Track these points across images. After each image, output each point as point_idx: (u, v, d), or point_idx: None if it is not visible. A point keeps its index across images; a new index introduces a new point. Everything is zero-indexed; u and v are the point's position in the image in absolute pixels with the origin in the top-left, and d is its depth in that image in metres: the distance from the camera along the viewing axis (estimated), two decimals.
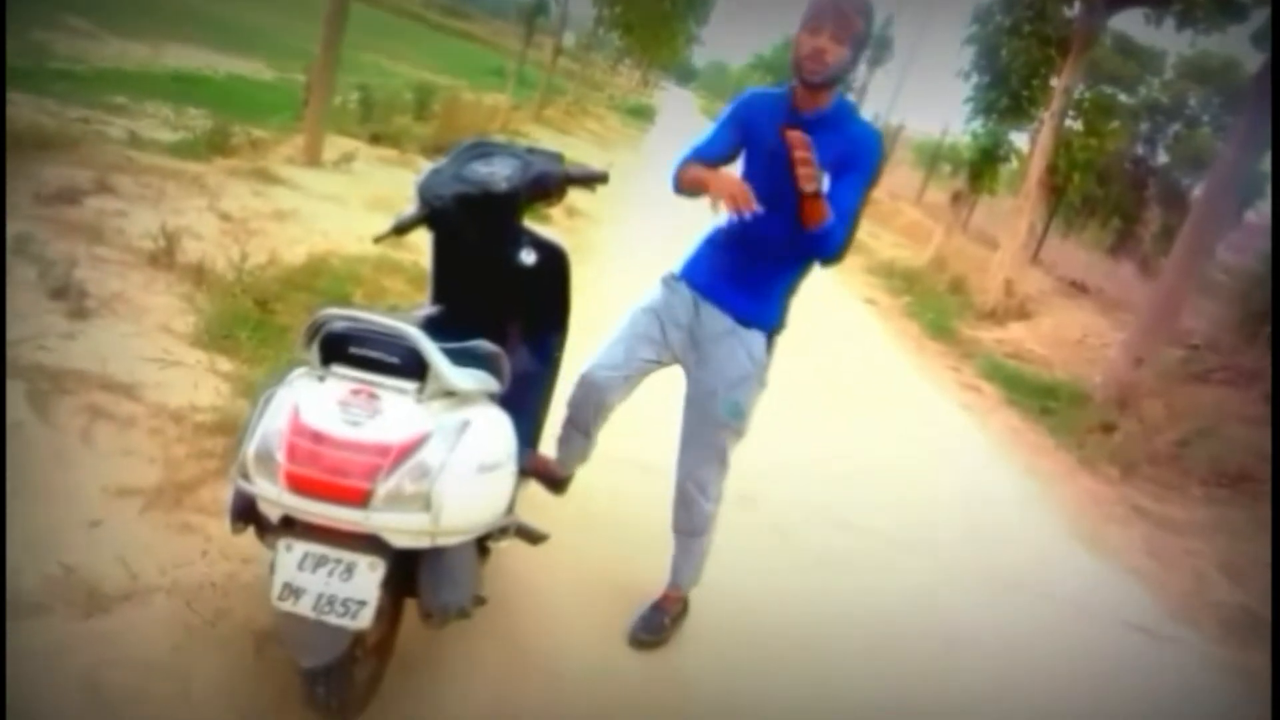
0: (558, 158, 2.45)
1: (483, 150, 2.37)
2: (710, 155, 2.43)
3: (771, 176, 2.31)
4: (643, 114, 32.63)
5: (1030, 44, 11.93)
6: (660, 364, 2.57)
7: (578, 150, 14.48)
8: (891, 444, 5.26)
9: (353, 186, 6.49)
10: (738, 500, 2.95)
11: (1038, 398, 7.07)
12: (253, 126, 7.56)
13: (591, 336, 2.61)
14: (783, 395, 2.72)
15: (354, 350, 1.73)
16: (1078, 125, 13.89)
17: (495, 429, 1.89)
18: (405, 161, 8.02)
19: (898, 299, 10.44)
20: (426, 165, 2.33)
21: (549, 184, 2.39)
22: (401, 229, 2.23)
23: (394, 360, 1.74)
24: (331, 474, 1.61)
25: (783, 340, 2.51)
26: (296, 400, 1.68)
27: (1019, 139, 13.63)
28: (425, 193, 2.24)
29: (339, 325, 1.73)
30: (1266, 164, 7.35)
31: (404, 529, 1.67)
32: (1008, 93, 12.75)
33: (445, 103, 10.58)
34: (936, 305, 10.00)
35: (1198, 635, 3.81)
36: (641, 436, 3.08)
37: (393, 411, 1.69)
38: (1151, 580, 4.28)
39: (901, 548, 3.82)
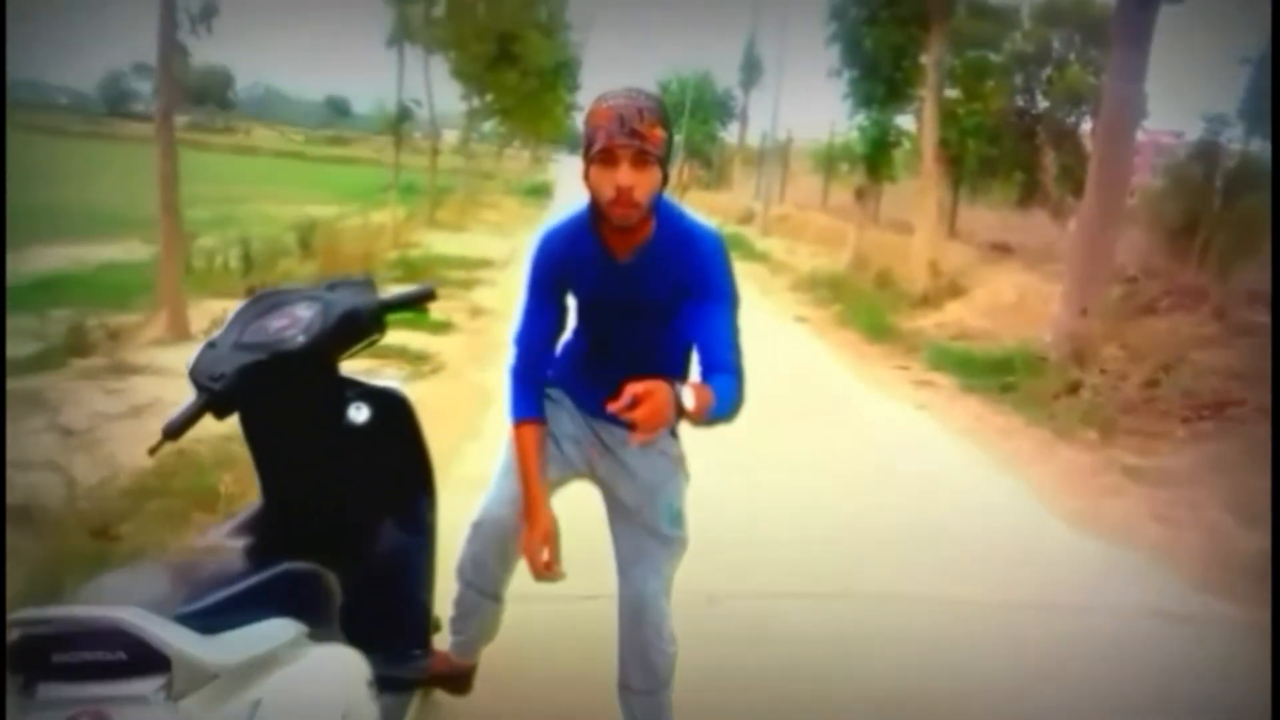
0: (367, 286, 2.03)
1: (270, 303, 1.93)
2: (541, 338, 2.05)
3: (611, 328, 2.03)
4: (540, 191, 32.52)
5: (890, 28, 11.93)
6: (564, 481, 2.13)
7: (478, 244, 14.14)
8: (852, 465, 4.84)
9: None
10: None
11: (994, 374, 6.76)
12: (121, 313, 7.07)
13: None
14: (725, 446, 2.25)
15: (59, 658, 1.21)
16: (956, 94, 13.99)
17: (308, 689, 1.40)
18: None
19: (828, 309, 10.17)
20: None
21: (362, 320, 1.96)
22: (175, 431, 1.78)
23: (121, 657, 1.21)
24: None
25: None
26: None
27: (905, 121, 13.64)
28: (198, 377, 1.79)
29: (28, 633, 1.23)
30: (1147, 87, 7.23)
31: None
32: (881, 80, 12.74)
33: (324, 235, 10.16)
34: (868, 305, 9.73)
35: (1228, 602, 3.42)
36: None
37: None
38: (1163, 550, 3.91)
39: (885, 576, 3.39)
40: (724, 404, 1.75)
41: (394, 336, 7.03)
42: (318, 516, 1.94)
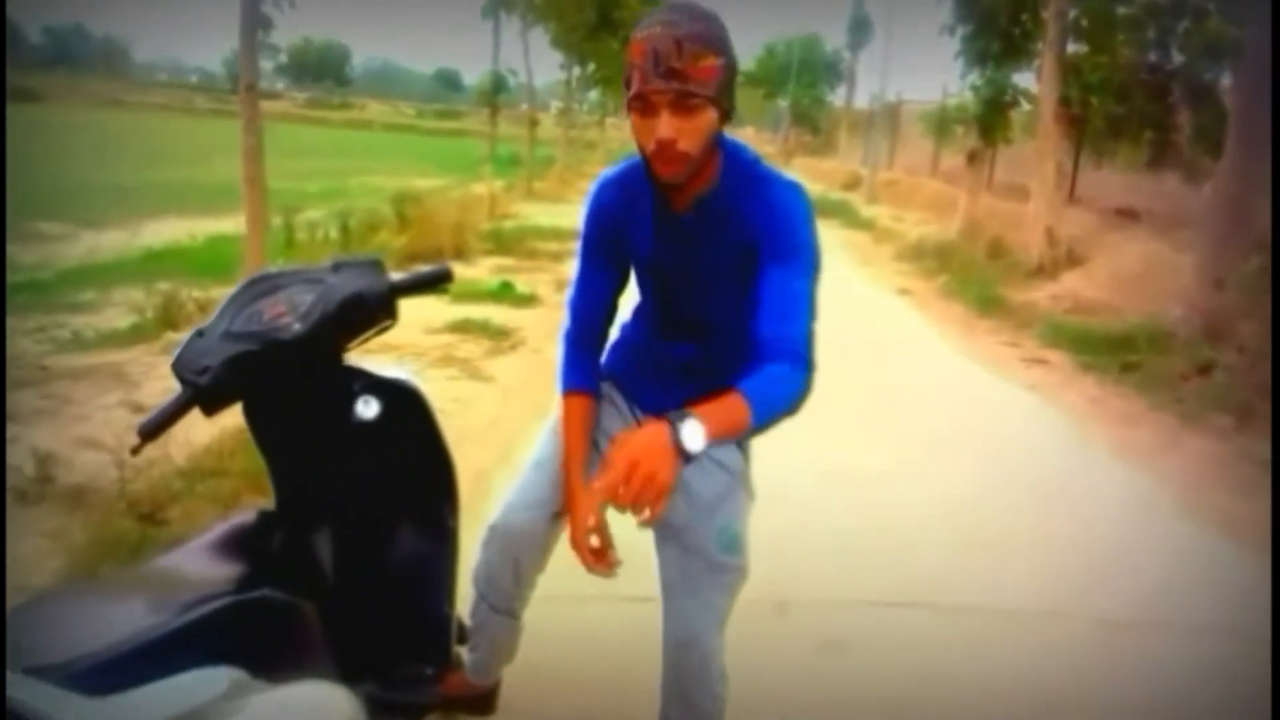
0: (375, 267, 1.82)
1: (265, 286, 1.75)
2: (597, 301, 1.80)
3: (672, 298, 1.75)
4: None
5: None
6: None
7: (574, 215, 13.97)
8: (949, 453, 4.43)
9: None
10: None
11: (1114, 352, 6.21)
12: (222, 286, 7.18)
13: None
14: (803, 432, 1.91)
15: None
16: (1080, 48, 13.04)
17: None
18: None
19: (934, 281, 9.63)
20: (159, 354, 1.71)
21: (368, 306, 1.76)
22: (151, 431, 1.61)
23: None
24: None
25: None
26: None
27: (1023, 80, 12.82)
28: (182, 370, 1.62)
29: None
30: None
31: None
32: (998, 35, 12.03)
33: (416, 206, 10.17)
34: (977, 277, 9.17)
35: None
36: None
37: None
38: None
39: (980, 584, 3.05)
40: (770, 407, 1.42)
41: (476, 311, 7.00)
42: (327, 520, 1.78)
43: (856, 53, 30.19)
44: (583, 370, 1.81)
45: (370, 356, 1.89)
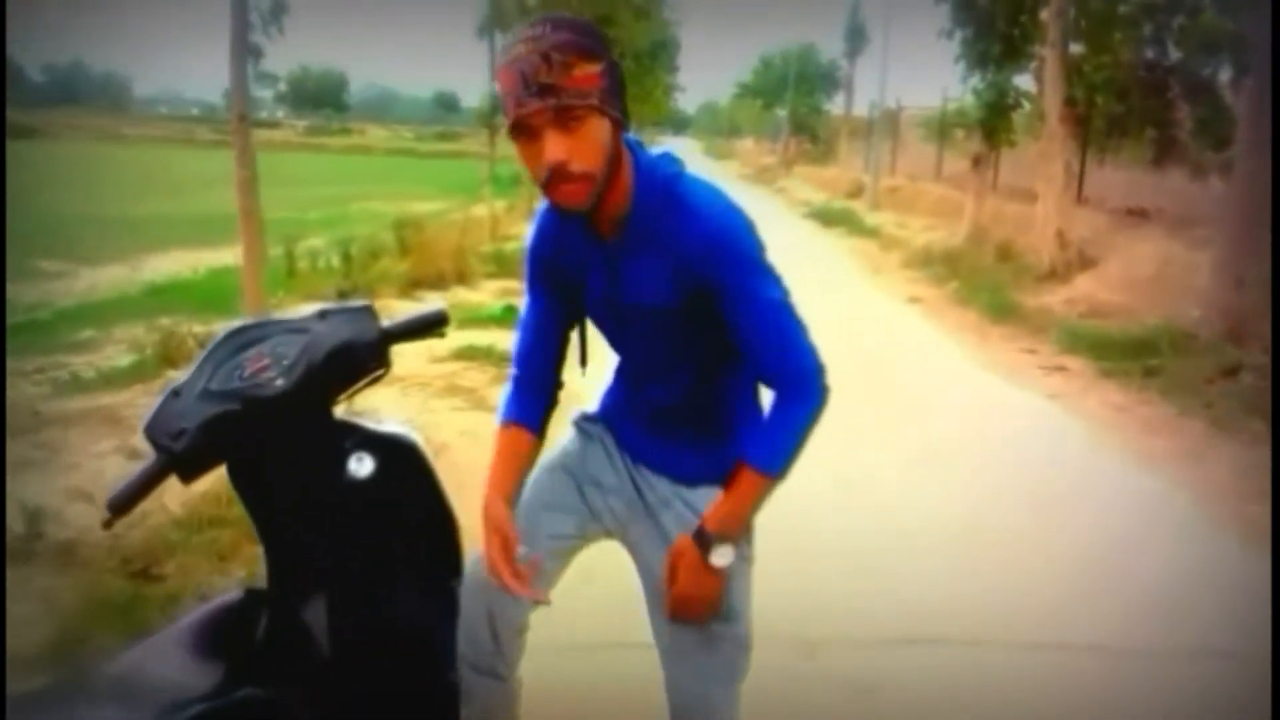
0: (365, 313, 1.68)
1: (245, 338, 1.61)
2: (535, 334, 1.68)
3: (623, 337, 1.60)
4: None
5: None
6: (585, 540, 1.71)
7: None
8: (973, 471, 4.27)
9: None
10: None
11: (1136, 357, 6.05)
12: (223, 318, 7.06)
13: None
14: (823, 455, 1.75)
15: None
16: (1079, 48, 12.91)
17: None
18: (378, 310, 7.41)
19: (944, 288, 9.48)
20: (156, 395, 1.56)
21: (358, 355, 1.63)
22: (122, 505, 1.48)
23: None
24: None
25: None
26: None
27: (1023, 81, 12.70)
28: (156, 435, 1.48)
29: None
30: None
31: None
32: (997, 38, 11.92)
33: (417, 231, 10.06)
34: (989, 282, 9.02)
35: None
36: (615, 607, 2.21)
37: None
38: None
39: (1017, 619, 2.89)
40: (786, 453, 1.43)
41: (480, 336, 6.87)
42: (322, 587, 1.64)
43: (854, 60, 30.17)
44: (518, 404, 1.68)
45: (371, 391, 1.76)
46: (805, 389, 1.42)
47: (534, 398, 1.69)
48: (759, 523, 1.58)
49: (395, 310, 7.66)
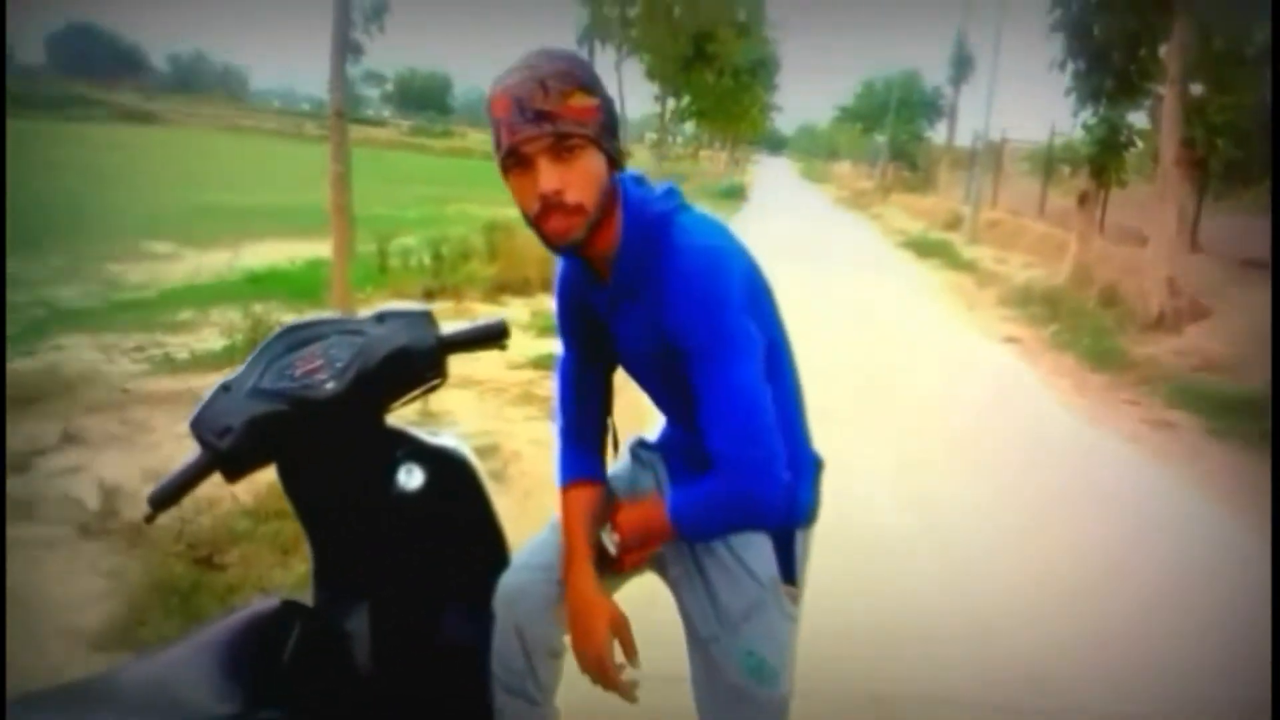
0: (424, 319, 1.61)
1: (299, 337, 1.55)
2: (572, 381, 1.66)
3: (633, 375, 1.55)
4: (734, 194, 32.04)
5: (1123, 14, 10.63)
6: (627, 574, 1.60)
7: None
8: (1063, 532, 4.00)
9: None
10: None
11: (1251, 418, 5.65)
12: (314, 308, 7.21)
13: None
14: (897, 501, 1.61)
15: None
16: (1200, 88, 12.34)
17: None
18: (461, 311, 7.49)
19: (1043, 329, 9.08)
20: (212, 385, 1.51)
21: (413, 363, 1.56)
22: (164, 500, 1.43)
23: None
24: None
25: (907, 424, 1.53)
26: None
27: (1137, 118, 12.19)
28: (202, 430, 1.43)
29: None
30: None
31: None
32: (1111, 72, 11.43)
33: (507, 236, 10.12)
34: (1091, 326, 8.61)
35: None
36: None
37: None
38: None
39: (1099, 691, 2.67)
40: (699, 524, 1.39)
41: (559, 346, 6.84)
42: (365, 598, 1.58)
43: (959, 87, 29.48)
44: (573, 460, 1.61)
45: (445, 395, 1.69)
46: (740, 474, 1.30)
47: (586, 447, 1.63)
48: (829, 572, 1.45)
49: (477, 314, 7.75)
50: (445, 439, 1.63)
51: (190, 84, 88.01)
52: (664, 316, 1.32)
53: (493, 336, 1.63)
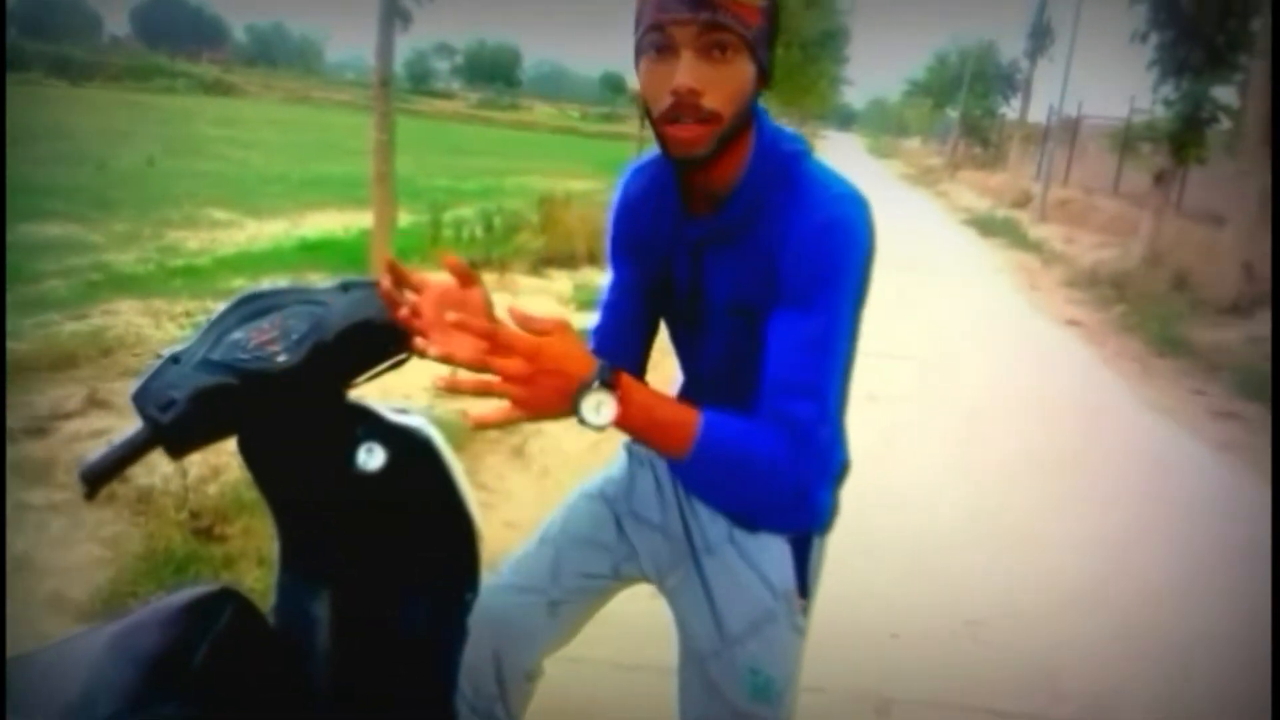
0: None
1: (256, 306, 1.46)
2: (615, 319, 1.40)
3: (676, 336, 1.37)
4: None
5: None
6: (620, 581, 1.50)
7: None
8: (1113, 528, 3.78)
9: None
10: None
11: None
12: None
13: None
14: (976, 484, 1.47)
15: None
16: None
17: None
18: (504, 285, 7.44)
19: (1108, 312, 8.70)
20: (160, 354, 1.44)
21: (375, 336, 1.46)
22: (97, 476, 1.36)
23: None
24: None
25: (958, 414, 1.38)
26: None
27: (1223, 94, 11.54)
28: (144, 403, 1.35)
29: None
30: None
31: None
32: (1199, 44, 10.83)
33: (558, 208, 10.05)
34: (1159, 310, 8.22)
35: None
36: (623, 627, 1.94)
37: None
38: None
39: (1131, 703, 2.49)
40: (724, 461, 1.06)
41: (584, 319, 6.74)
42: (326, 585, 1.51)
43: (1035, 60, 28.38)
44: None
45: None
46: (782, 427, 1.08)
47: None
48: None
49: (520, 286, 7.69)
50: (410, 417, 1.54)
51: (268, 55, 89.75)
52: (777, 261, 1.12)
53: None
